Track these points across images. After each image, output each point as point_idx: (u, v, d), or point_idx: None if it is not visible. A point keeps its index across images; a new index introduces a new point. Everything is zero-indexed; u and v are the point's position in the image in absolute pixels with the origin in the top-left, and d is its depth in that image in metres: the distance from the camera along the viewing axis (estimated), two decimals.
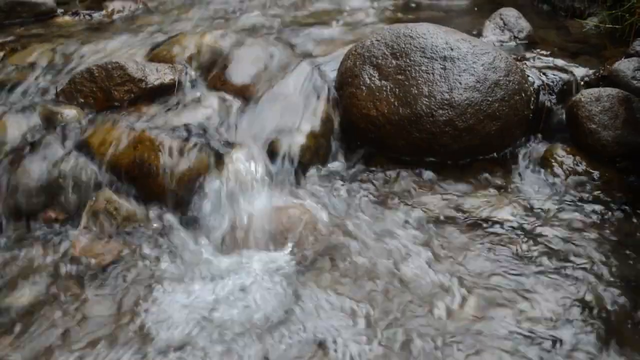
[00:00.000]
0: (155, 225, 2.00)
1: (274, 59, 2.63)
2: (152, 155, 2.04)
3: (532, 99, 2.33)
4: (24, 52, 2.93)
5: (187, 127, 2.20)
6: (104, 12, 3.51)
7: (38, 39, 3.09)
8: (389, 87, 2.23)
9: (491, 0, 3.54)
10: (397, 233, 1.95)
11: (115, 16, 3.45)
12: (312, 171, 2.20)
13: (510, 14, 2.88)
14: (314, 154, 2.23)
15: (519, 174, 2.25)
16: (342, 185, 2.17)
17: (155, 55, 2.71)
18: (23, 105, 2.39)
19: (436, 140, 2.17)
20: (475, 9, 3.44)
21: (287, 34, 2.94)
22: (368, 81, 2.28)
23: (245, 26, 3.13)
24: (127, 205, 2.01)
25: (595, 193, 2.15)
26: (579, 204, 2.10)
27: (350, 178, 2.21)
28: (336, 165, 2.27)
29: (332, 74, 2.49)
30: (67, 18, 3.47)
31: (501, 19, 2.85)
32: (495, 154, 2.29)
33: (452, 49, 2.24)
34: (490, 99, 2.17)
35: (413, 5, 3.52)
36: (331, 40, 2.84)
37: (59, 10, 3.54)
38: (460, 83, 2.16)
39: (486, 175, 2.23)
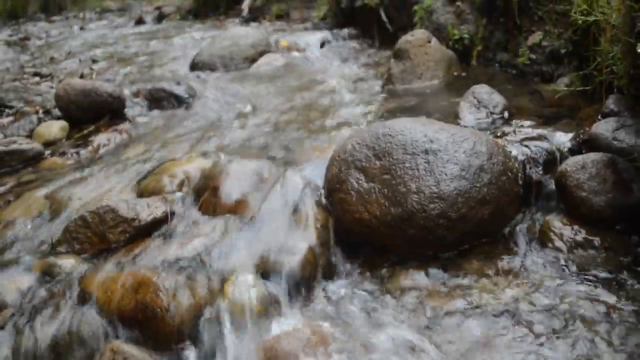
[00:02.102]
0: None
1: (261, 174, 2.66)
2: (154, 297, 2.04)
3: (519, 175, 2.36)
4: (16, 203, 2.98)
5: (184, 260, 2.20)
6: (90, 147, 3.58)
7: (29, 187, 3.14)
8: (377, 189, 2.26)
9: (461, 77, 3.63)
10: (402, 335, 1.93)
11: (102, 150, 3.52)
12: (313, 285, 2.19)
13: (482, 90, 2.95)
14: (313, 267, 2.22)
15: (520, 253, 2.24)
16: (345, 294, 2.16)
17: (145, 187, 2.76)
18: (21, 262, 2.40)
19: (432, 234, 2.18)
20: (448, 87, 3.52)
21: (272, 144, 3.00)
22: (356, 185, 2.31)
23: (230, 142, 3.20)
24: (136, 352, 1.99)
25: (600, 260, 2.14)
26: (586, 275, 2.09)
27: (352, 285, 2.20)
28: (336, 274, 2.26)
29: (319, 181, 2.53)
30: (55, 159, 3.53)
31: (474, 97, 2.92)
32: (492, 237, 2.29)
33: (432, 141, 2.28)
34: (479, 185, 2.20)
35: (389, 92, 3.61)
36: (314, 144, 2.89)
37: (47, 152, 3.62)
38: (445, 174, 2.19)
39: (487, 259, 2.22)
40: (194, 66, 5.01)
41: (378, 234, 2.24)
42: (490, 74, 3.67)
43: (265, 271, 2.16)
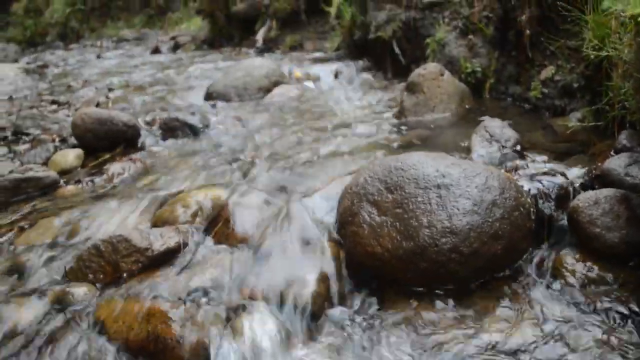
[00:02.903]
0: None
1: (273, 205, 2.69)
2: (165, 328, 2.04)
3: (532, 210, 2.36)
4: (31, 230, 3.00)
5: (196, 291, 2.21)
6: (105, 176, 3.61)
7: (44, 214, 3.17)
8: (389, 222, 2.27)
9: (473, 110, 3.65)
10: None
11: (116, 180, 3.55)
12: (325, 317, 2.19)
13: (494, 124, 2.96)
14: (325, 299, 2.22)
15: (533, 289, 2.23)
16: (357, 327, 2.15)
17: (159, 217, 2.78)
18: (34, 290, 2.42)
19: (444, 268, 2.18)
20: (460, 120, 3.54)
21: (285, 175, 3.02)
22: (368, 219, 2.32)
23: (243, 172, 3.22)
24: None
25: (614, 296, 2.13)
26: (599, 311, 2.07)
27: (365, 318, 2.19)
28: (348, 306, 2.25)
29: (331, 213, 2.54)
30: (70, 187, 3.56)
31: (486, 131, 2.93)
32: (505, 272, 2.29)
33: (444, 176, 2.29)
34: (491, 220, 2.20)
35: (401, 125, 3.63)
36: (325, 177, 2.90)
37: (62, 181, 3.66)
38: (458, 209, 2.20)
39: (499, 294, 2.21)
40: (209, 96, 5.07)
41: (390, 267, 2.24)
42: (503, 107, 3.69)
43: (276, 303, 2.17)
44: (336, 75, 5.31)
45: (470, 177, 2.28)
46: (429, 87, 3.62)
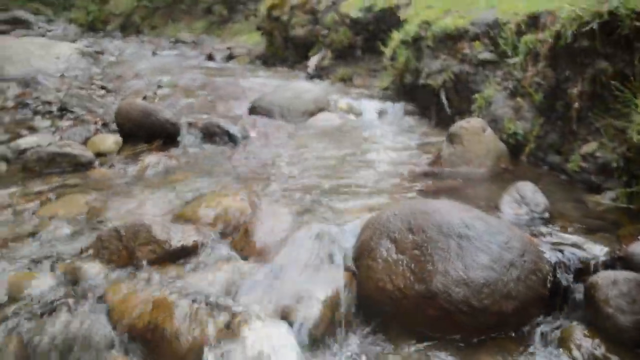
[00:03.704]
0: None
1: (295, 224, 2.72)
2: (167, 320, 2.06)
3: (549, 277, 2.34)
4: (57, 202, 3.09)
5: (204, 292, 2.23)
6: (138, 166, 3.69)
7: (73, 190, 3.25)
8: (405, 262, 2.27)
9: (508, 170, 3.64)
10: None
11: (149, 171, 3.63)
12: (328, 340, 2.19)
13: (527, 188, 2.96)
14: (330, 322, 2.23)
15: (536, 355, 2.20)
16: (355, 355, 2.16)
17: (182, 214, 2.83)
18: (48, 260, 2.47)
19: (452, 318, 2.17)
20: (493, 178, 3.54)
21: (311, 198, 3.05)
22: (385, 254, 2.33)
23: (272, 188, 3.25)
24: None
25: None
26: None
27: (363, 348, 2.19)
28: (351, 337, 2.25)
29: (350, 242, 2.56)
30: (103, 170, 3.66)
31: (518, 192, 2.93)
32: (512, 333, 2.26)
33: (467, 227, 2.29)
34: (506, 279, 2.19)
35: (435, 172, 3.64)
36: (351, 207, 2.92)
37: (97, 162, 3.75)
38: (475, 262, 2.20)
39: (502, 354, 2.19)
40: (252, 110, 5.15)
41: (399, 305, 2.24)
42: (538, 173, 3.68)
43: (282, 318, 2.18)
44: (380, 114, 5.35)
45: (493, 234, 2.28)
46: (469, 140, 3.63)
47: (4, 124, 4.33)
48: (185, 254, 2.49)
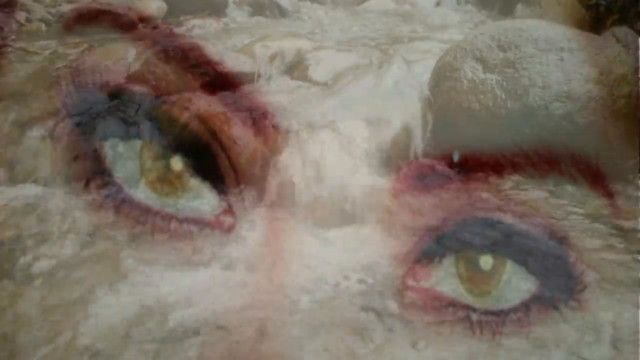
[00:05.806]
0: None
1: (358, 62, 2.44)
2: (224, 127, 1.81)
3: None
4: (99, 49, 2.87)
5: (263, 107, 1.98)
6: (184, 27, 3.44)
7: (115, 40, 3.04)
8: (494, 80, 1.97)
9: None
10: None
11: (195, 31, 3.38)
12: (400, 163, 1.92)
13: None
14: (402, 148, 1.95)
15: None
16: None
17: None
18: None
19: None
20: None
21: (375, 45, 2.76)
22: (470, 74, 2.02)
23: (331, 41, 2.98)
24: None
25: None
26: None
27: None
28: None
29: (424, 75, 2.26)
30: (146, 30, 3.41)
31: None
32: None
33: (569, 40, 1.97)
34: (615, 95, 1.87)
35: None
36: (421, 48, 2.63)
37: (140, 25, 3.50)
38: (580, 74, 1.88)
39: None
40: None
41: (484, 127, 1.94)
42: None
43: (348, 136, 1.91)
44: (438, 3, 4.98)
45: (601, 47, 1.96)
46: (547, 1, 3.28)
47: None
48: (240, 79, 2.23)
